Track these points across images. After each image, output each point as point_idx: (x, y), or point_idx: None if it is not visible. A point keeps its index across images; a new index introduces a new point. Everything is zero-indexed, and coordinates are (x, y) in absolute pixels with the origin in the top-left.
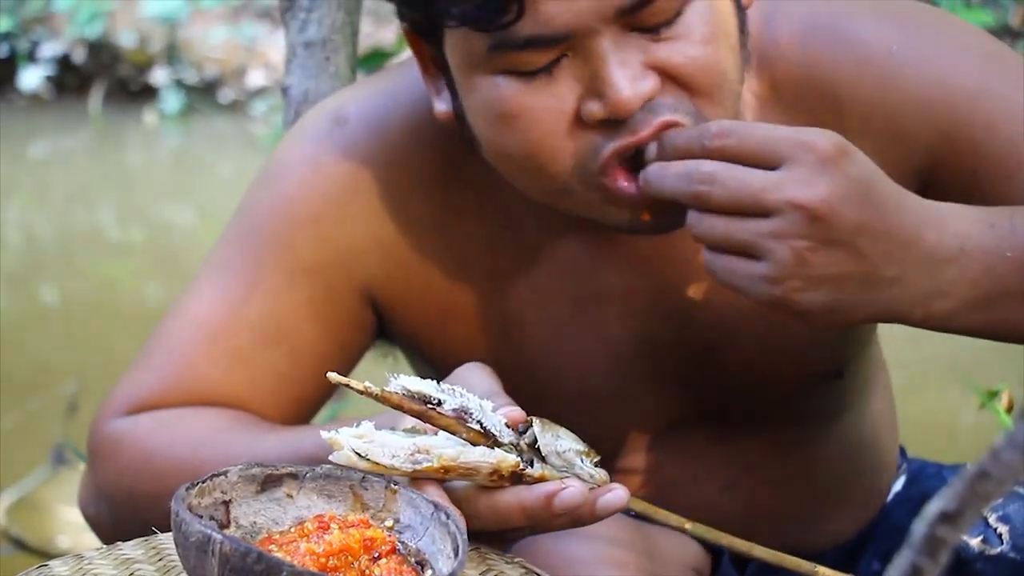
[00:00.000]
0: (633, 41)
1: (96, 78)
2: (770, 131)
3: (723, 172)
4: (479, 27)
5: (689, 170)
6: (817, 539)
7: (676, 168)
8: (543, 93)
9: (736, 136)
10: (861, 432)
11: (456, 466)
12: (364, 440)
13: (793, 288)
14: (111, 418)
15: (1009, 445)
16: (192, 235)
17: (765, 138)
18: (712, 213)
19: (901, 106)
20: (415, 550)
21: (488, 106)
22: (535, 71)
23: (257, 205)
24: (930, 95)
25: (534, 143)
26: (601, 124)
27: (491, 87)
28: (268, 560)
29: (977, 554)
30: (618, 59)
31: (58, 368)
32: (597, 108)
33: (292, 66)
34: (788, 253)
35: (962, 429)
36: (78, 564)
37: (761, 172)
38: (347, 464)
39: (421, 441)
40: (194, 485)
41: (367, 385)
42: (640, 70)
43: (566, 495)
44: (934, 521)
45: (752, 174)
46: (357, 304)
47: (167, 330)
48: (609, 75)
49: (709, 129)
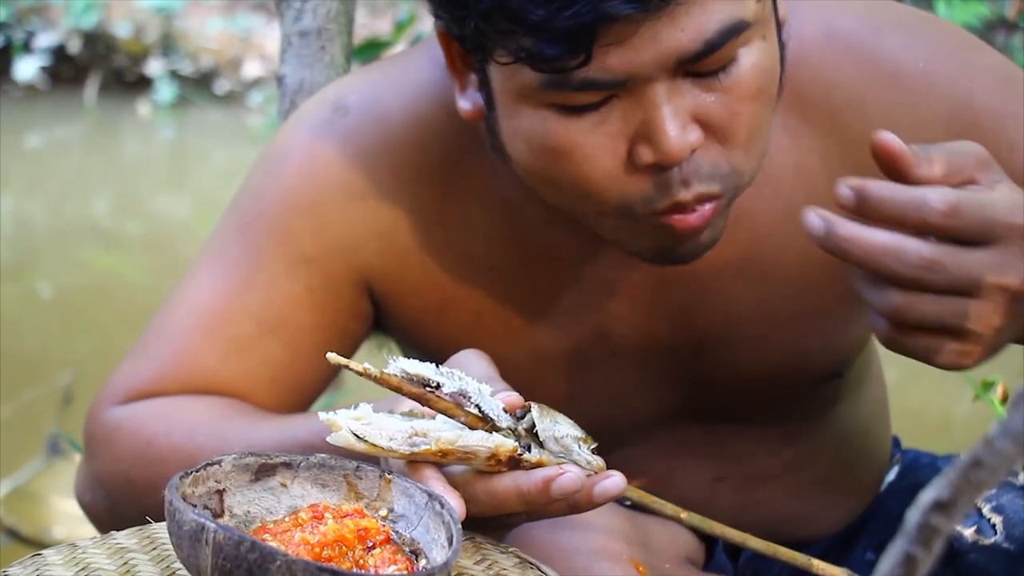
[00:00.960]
0: (686, 89)
1: (91, 69)
2: (992, 211)
3: (947, 257)
4: (536, 68)
5: (906, 250)
6: (811, 529)
7: (884, 244)
8: (595, 132)
9: (962, 218)
10: (854, 423)
11: (454, 450)
12: (362, 422)
13: (974, 359)
14: (108, 406)
15: (1003, 434)
16: (187, 226)
17: (990, 219)
18: (919, 292)
19: (928, 124)
20: (409, 539)
21: (534, 137)
22: (584, 108)
23: (256, 194)
24: (957, 115)
25: (583, 178)
26: (650, 168)
27: (539, 119)
28: (262, 548)
29: (971, 544)
30: (671, 108)
31: (53, 359)
32: (647, 154)
33: (287, 56)
34: (988, 331)
35: (957, 420)
36: (72, 553)
37: (980, 256)
38: (345, 446)
39: (419, 424)
40: (188, 474)
41: (366, 366)
42: (690, 120)
43: (564, 480)
44: (927, 510)
45: (974, 261)
46: (355, 293)
47: (165, 319)
48: (661, 123)
49: (929, 202)
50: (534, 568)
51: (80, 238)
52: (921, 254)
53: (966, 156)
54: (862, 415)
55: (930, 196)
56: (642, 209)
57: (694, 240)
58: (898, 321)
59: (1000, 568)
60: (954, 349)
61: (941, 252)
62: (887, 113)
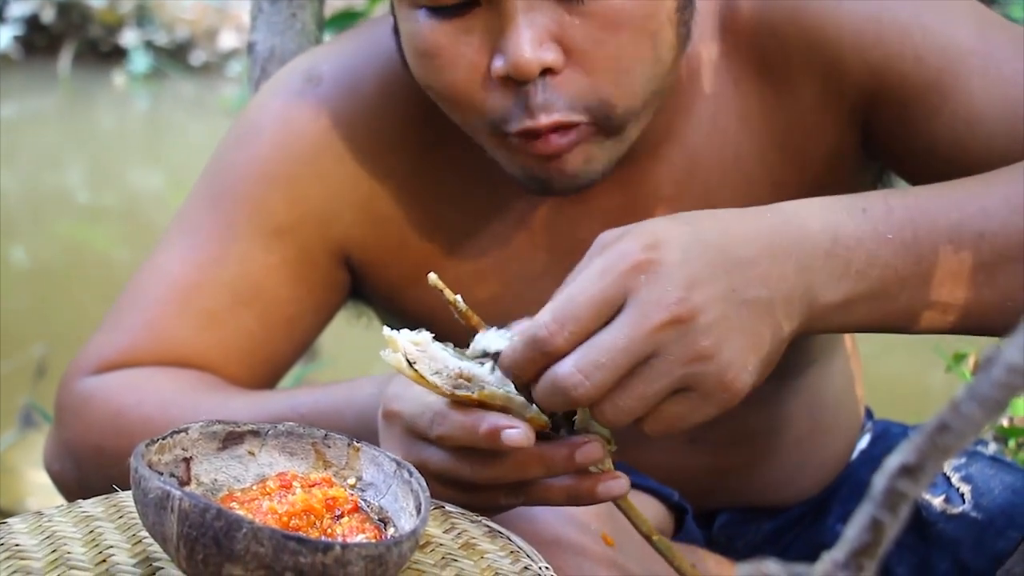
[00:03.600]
0: (547, 7)
1: (65, 39)
2: (581, 295)
3: (584, 362)
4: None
5: (554, 384)
6: (783, 495)
7: (543, 390)
8: (458, 40)
9: (561, 323)
10: (825, 389)
11: (492, 404)
12: (418, 348)
13: (737, 387)
14: (80, 376)
15: (969, 398)
16: (161, 198)
17: (588, 302)
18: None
19: (837, 42)
20: (378, 508)
21: (411, 41)
22: (448, 10)
23: (229, 165)
24: (864, 29)
25: (449, 85)
26: (504, 83)
27: (413, 21)
28: (227, 516)
29: (939, 513)
30: (526, 20)
31: (26, 331)
32: (500, 65)
33: (258, 22)
34: (698, 367)
35: (930, 392)
36: (37, 521)
37: (613, 331)
38: (395, 367)
39: (467, 367)
40: (154, 442)
41: (457, 298)
42: (546, 36)
43: (588, 448)
44: (894, 475)
45: (611, 340)
46: (331, 264)
47: (137, 290)
48: (513, 33)
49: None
50: (503, 537)
51: (54, 209)
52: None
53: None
54: (835, 382)
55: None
56: (502, 127)
57: (560, 169)
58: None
59: (968, 537)
60: (697, 404)
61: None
62: (802, 38)
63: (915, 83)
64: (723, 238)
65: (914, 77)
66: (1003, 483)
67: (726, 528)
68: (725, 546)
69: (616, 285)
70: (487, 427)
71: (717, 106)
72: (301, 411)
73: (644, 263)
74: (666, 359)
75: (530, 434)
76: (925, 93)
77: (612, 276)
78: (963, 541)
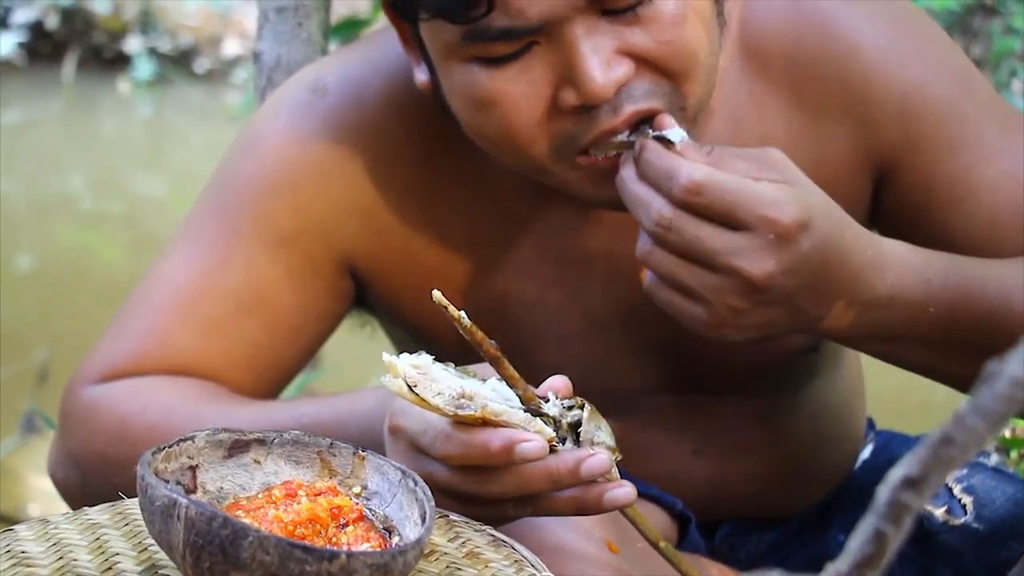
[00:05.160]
0: (604, 27)
1: (69, 45)
2: (739, 196)
3: (683, 224)
4: (451, 19)
5: (650, 204)
6: (785, 504)
7: (640, 194)
8: (518, 81)
9: (705, 196)
10: (830, 400)
11: (495, 420)
12: (419, 371)
13: (724, 333)
14: (85, 384)
15: (973, 411)
16: (165, 204)
17: (734, 204)
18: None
19: (881, 100)
20: (383, 516)
21: (464, 91)
22: (507, 57)
23: (234, 174)
24: (909, 96)
25: (511, 128)
26: (576, 110)
27: (466, 74)
28: (234, 524)
29: (941, 524)
30: (590, 47)
31: (29, 337)
32: (572, 96)
33: (264, 32)
34: (725, 309)
35: (933, 404)
36: (43, 528)
37: (719, 235)
38: (396, 392)
39: (468, 385)
40: (161, 449)
41: (461, 314)
42: (613, 56)
43: (594, 461)
44: (898, 487)
45: (709, 236)
46: (336, 273)
47: (141, 298)
48: (581, 63)
49: (679, 178)
50: (507, 546)
51: (57, 215)
52: (661, 212)
53: (752, 155)
54: (838, 393)
55: (681, 170)
56: (569, 149)
57: None
58: (658, 273)
59: (970, 548)
60: (698, 317)
61: (679, 217)
62: (844, 84)
63: (945, 170)
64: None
65: (946, 164)
66: (1005, 494)
67: (728, 538)
68: (727, 556)
69: (755, 219)
70: (500, 442)
71: (737, 126)
72: (304, 421)
73: (784, 232)
74: (722, 281)
75: (544, 444)
76: (952, 182)
77: (759, 212)
78: (965, 552)
